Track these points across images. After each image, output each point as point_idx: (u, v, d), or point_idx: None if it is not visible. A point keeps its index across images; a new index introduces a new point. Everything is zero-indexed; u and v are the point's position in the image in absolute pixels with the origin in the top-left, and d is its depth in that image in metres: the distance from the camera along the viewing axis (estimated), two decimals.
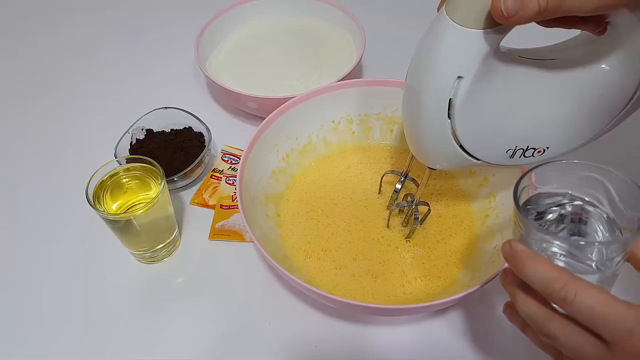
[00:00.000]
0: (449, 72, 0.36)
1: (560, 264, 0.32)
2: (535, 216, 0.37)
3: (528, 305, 0.33)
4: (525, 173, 0.35)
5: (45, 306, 0.53)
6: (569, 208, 0.37)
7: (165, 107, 0.63)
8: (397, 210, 0.55)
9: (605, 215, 0.35)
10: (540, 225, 0.36)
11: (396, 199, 0.54)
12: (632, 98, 0.39)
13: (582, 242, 0.35)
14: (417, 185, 0.53)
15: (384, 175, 0.56)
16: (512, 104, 0.39)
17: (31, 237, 0.58)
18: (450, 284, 0.50)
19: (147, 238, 0.52)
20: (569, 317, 0.30)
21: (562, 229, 0.36)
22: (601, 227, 0.35)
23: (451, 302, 0.43)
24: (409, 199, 0.53)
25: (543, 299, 0.32)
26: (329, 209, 0.56)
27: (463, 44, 0.35)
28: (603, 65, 0.38)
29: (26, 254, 0.57)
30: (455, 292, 0.43)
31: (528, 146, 0.42)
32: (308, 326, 0.50)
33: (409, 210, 0.52)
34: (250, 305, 0.52)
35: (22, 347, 0.50)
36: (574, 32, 0.40)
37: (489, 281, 0.43)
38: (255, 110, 0.65)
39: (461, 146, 0.40)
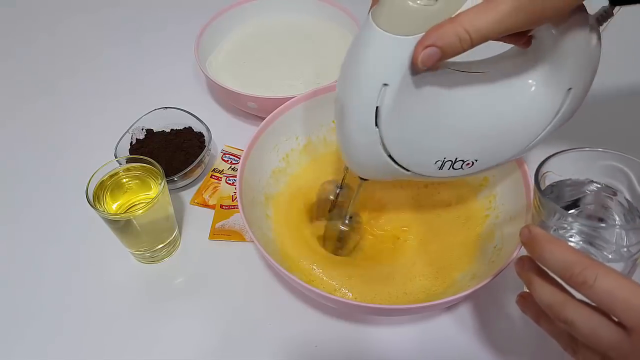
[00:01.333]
0: (373, 80, 0.35)
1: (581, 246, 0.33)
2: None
3: (545, 291, 0.32)
4: (547, 158, 0.36)
5: (44, 306, 0.53)
6: (590, 196, 0.37)
7: (165, 107, 0.63)
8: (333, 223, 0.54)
9: (626, 204, 0.35)
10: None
11: (331, 209, 0.54)
12: (557, 112, 0.39)
13: (603, 225, 0.34)
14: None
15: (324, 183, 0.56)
16: (440, 115, 0.39)
17: (31, 236, 0.58)
18: (451, 284, 0.50)
19: (147, 238, 0.52)
20: (588, 304, 0.30)
21: (582, 216, 0.36)
22: (622, 216, 0.35)
23: (451, 302, 0.43)
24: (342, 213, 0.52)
25: (560, 286, 0.31)
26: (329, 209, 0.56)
27: (387, 50, 0.34)
28: (530, 80, 0.38)
29: (26, 254, 0.57)
30: (455, 292, 0.43)
31: (456, 158, 0.41)
32: (308, 326, 0.50)
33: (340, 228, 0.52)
34: (250, 305, 0.52)
35: (22, 347, 0.50)
36: (508, 45, 0.39)
37: (489, 281, 0.43)
38: (255, 110, 0.65)
39: (390, 156, 0.39)
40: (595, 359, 0.31)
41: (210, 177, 0.62)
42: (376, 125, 0.37)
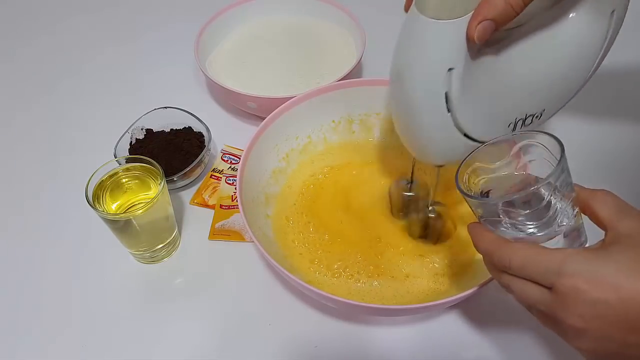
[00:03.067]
0: (438, 67, 0.36)
1: (531, 230, 0.35)
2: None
3: (488, 267, 0.37)
4: (464, 160, 0.38)
5: (44, 306, 0.52)
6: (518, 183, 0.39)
7: (165, 107, 0.63)
8: (416, 217, 0.55)
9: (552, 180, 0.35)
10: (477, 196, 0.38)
11: (408, 206, 0.55)
12: (606, 37, 0.39)
13: (490, 199, 0.37)
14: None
15: (391, 186, 0.56)
16: (503, 80, 0.39)
17: (31, 237, 0.58)
18: (451, 284, 0.50)
19: (147, 238, 0.52)
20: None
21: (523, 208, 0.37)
22: (551, 192, 0.35)
23: (451, 302, 0.43)
24: (421, 205, 0.53)
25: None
26: (329, 209, 0.56)
27: (444, 36, 0.34)
28: (573, 14, 0.38)
29: (26, 254, 0.57)
30: (455, 293, 0.43)
31: (526, 114, 0.42)
32: (308, 326, 0.50)
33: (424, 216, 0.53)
34: (250, 305, 0.52)
35: (22, 347, 0.50)
36: None
37: (490, 281, 0.42)
38: (255, 110, 0.65)
39: (466, 135, 0.40)
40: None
41: (210, 177, 0.62)
42: (448, 110, 0.38)
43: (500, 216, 0.35)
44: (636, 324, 0.30)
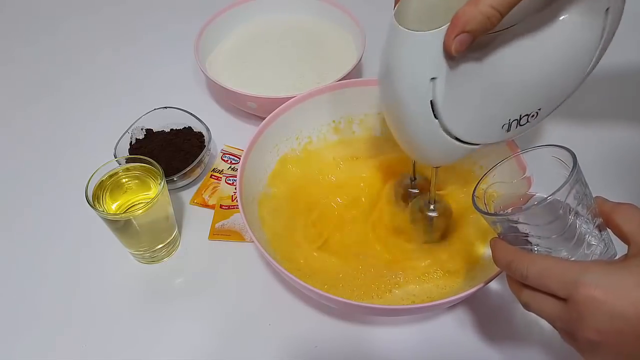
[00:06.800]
0: (420, 77, 0.36)
1: (546, 244, 0.35)
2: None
3: (509, 282, 0.37)
4: (481, 178, 0.40)
5: (44, 306, 0.53)
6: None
7: (165, 107, 0.63)
8: (418, 211, 0.54)
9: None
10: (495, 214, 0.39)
11: (409, 200, 0.55)
12: (602, 35, 0.39)
13: (504, 213, 0.38)
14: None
15: (395, 182, 0.56)
16: (491, 82, 0.39)
17: (31, 236, 0.58)
18: (450, 285, 0.50)
19: (147, 238, 0.52)
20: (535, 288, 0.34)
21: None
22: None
23: (451, 303, 0.43)
24: (422, 202, 0.53)
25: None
26: (329, 209, 0.56)
27: (423, 47, 0.34)
28: (566, 15, 0.38)
29: (26, 254, 0.57)
30: (455, 293, 0.43)
31: (521, 115, 0.41)
32: (308, 326, 0.50)
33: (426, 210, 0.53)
34: (250, 305, 0.52)
35: (22, 347, 0.50)
36: None
37: (489, 281, 0.43)
38: (255, 110, 0.65)
39: (457, 138, 0.40)
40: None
41: (210, 177, 0.62)
42: (435, 117, 0.38)
43: (522, 232, 0.35)
44: None
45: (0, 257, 0.57)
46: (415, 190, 0.55)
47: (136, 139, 0.62)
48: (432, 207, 0.52)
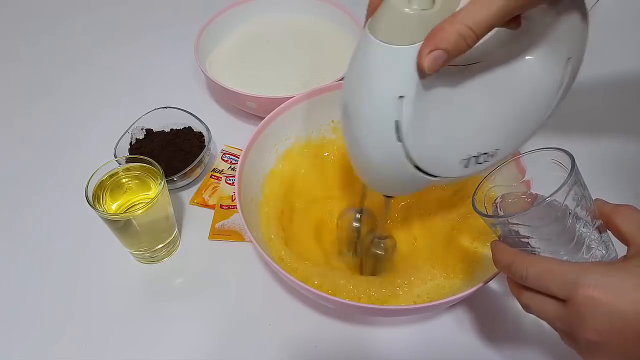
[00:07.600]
0: (388, 94, 0.33)
1: (542, 244, 0.35)
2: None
3: (510, 285, 0.37)
4: (481, 181, 0.39)
5: (45, 306, 0.53)
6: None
7: (165, 107, 0.63)
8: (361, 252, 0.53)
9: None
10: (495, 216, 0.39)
11: (357, 237, 0.52)
12: (562, 82, 0.39)
13: (504, 214, 0.38)
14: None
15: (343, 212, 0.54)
16: (455, 113, 0.38)
17: (31, 236, 0.58)
18: (449, 285, 0.50)
19: (147, 238, 0.52)
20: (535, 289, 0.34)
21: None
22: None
23: (451, 303, 0.43)
24: (369, 237, 0.51)
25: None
26: (329, 209, 0.56)
27: (394, 62, 0.32)
28: (529, 57, 0.38)
29: (26, 254, 0.57)
30: (455, 293, 0.43)
31: (479, 152, 0.40)
32: (308, 326, 0.50)
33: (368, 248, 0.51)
34: (250, 305, 0.52)
35: (22, 347, 0.50)
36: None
37: (489, 281, 0.43)
38: (255, 110, 0.65)
39: (417, 167, 0.38)
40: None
41: (210, 177, 0.62)
42: (399, 140, 0.35)
43: (522, 234, 0.35)
44: None
45: (0, 257, 0.57)
46: (358, 225, 0.51)
47: (136, 139, 0.62)
48: (381, 244, 0.50)
